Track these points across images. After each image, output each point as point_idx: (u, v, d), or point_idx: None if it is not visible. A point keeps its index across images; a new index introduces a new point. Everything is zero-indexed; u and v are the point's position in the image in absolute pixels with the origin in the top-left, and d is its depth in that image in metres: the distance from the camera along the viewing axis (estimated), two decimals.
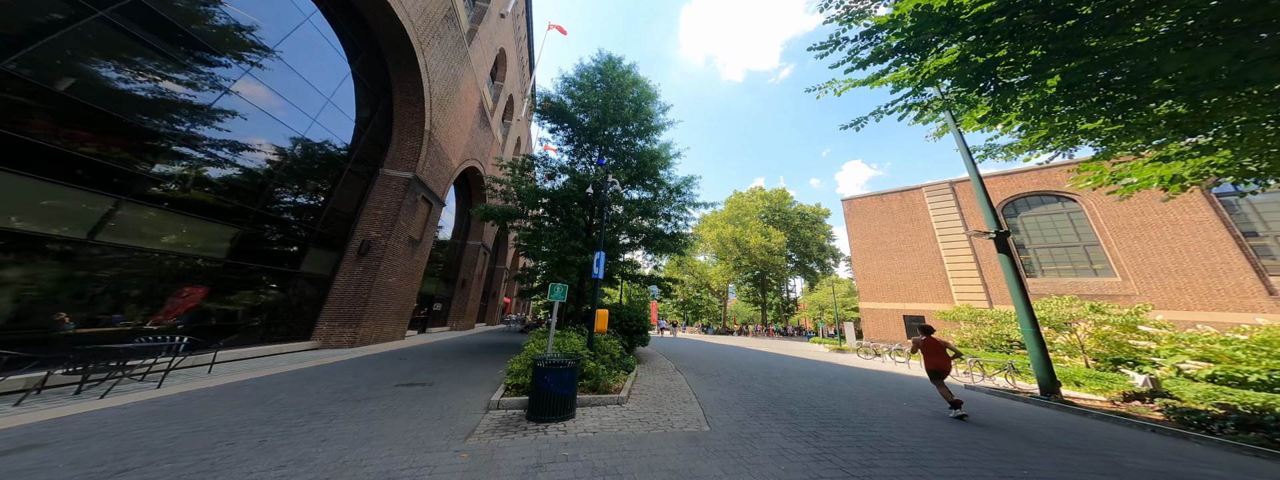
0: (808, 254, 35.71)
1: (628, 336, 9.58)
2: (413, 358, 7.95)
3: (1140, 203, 15.01)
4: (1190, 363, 7.53)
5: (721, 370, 9.10)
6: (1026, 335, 7.09)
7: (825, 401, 5.77)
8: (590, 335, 6.31)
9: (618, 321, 9.55)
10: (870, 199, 22.12)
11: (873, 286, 20.46)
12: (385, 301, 9.33)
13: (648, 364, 9.75)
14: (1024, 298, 7.27)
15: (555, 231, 10.12)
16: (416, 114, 10.59)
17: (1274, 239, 12.95)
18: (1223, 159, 5.27)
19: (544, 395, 4.03)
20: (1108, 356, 9.56)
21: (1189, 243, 13.90)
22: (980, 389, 7.56)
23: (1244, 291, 12.84)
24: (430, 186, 11.22)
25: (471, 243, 18.39)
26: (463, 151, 14.30)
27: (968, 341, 14.15)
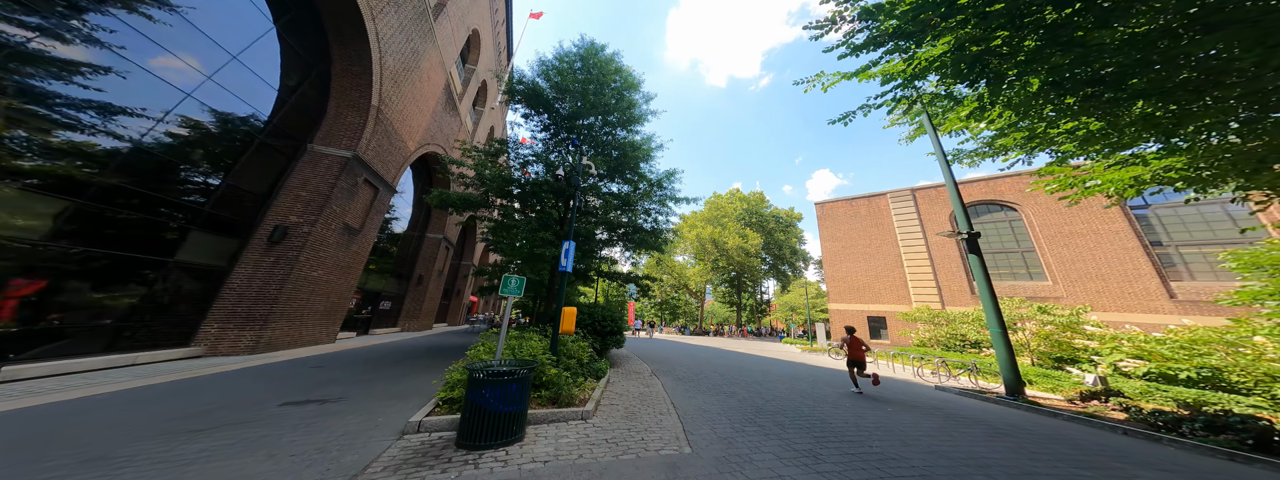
0: (780, 257, 36.63)
1: (601, 338, 8.77)
2: (335, 365, 6.62)
3: (1070, 213, 16.38)
4: (1128, 361, 7.97)
5: (700, 374, 8.52)
6: (994, 336, 7.11)
7: (812, 409, 5.30)
8: (554, 337, 5.45)
9: (589, 321, 8.70)
10: (841, 203, 22.78)
11: (841, 288, 21.00)
12: (306, 298, 7.80)
13: (622, 367, 8.98)
14: (992, 298, 7.31)
15: (525, 223, 9.12)
16: (361, 87, 9.12)
17: (1175, 248, 14.56)
18: (1181, 162, 5.40)
19: (481, 414, 3.13)
20: (1050, 355, 10.06)
21: (1108, 250, 15.32)
22: (950, 390, 7.53)
23: (1150, 295, 14.30)
24: (376, 169, 9.74)
25: (432, 236, 16.67)
26: (421, 134, 12.76)
27: (925, 341, 14.68)
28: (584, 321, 8.62)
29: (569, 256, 5.35)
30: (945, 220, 19.15)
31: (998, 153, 8.15)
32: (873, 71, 5.79)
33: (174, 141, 6.03)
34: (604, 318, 8.92)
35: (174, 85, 5.85)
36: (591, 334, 8.61)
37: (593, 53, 10.54)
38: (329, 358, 7.34)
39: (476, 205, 9.89)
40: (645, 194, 10.43)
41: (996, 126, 6.24)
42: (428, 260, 16.23)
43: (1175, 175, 5.66)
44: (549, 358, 4.68)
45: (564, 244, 5.38)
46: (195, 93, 6.11)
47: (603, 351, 9.00)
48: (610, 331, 8.91)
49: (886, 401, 6.13)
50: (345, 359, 7.34)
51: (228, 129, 6.86)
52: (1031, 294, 16.46)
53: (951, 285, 18.01)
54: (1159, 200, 15.17)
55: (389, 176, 10.66)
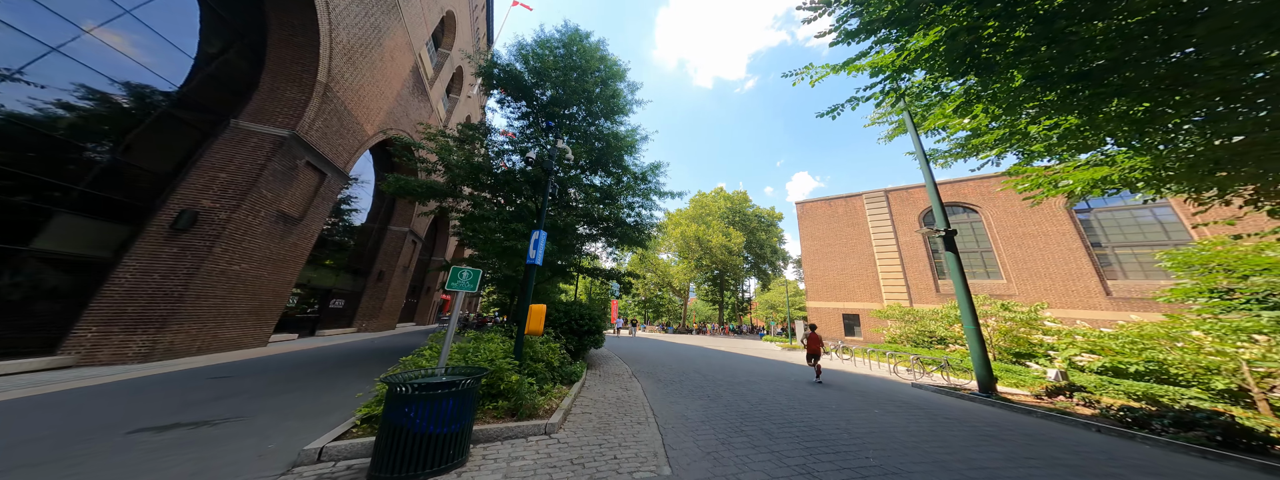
0: (762, 256, 37.20)
1: (578, 338, 8.17)
2: (247, 374, 5.60)
3: (1024, 216, 17.38)
4: (1082, 355, 8.33)
5: (683, 375, 8.11)
6: (968, 332, 7.16)
7: (800, 413, 4.99)
8: (518, 339, 4.83)
9: (565, 320, 8.07)
10: (820, 203, 23.22)
11: (818, 286, 21.40)
12: (223, 296, 6.67)
13: (601, 369, 8.43)
14: (967, 296, 7.36)
15: (498, 214, 8.35)
16: (304, 60, 7.99)
17: (1112, 250, 15.74)
18: (1145, 162, 5.52)
19: (402, 438, 2.49)
20: (1011, 350, 10.47)
21: (1055, 251, 16.37)
22: (926, 387, 7.54)
23: (1090, 292, 15.39)
24: (322, 151, 8.61)
25: (396, 229, 15.34)
26: (382, 118, 11.59)
27: (896, 338, 15.08)
28: (559, 320, 7.99)
29: (539, 247, 4.75)
30: (915, 220, 19.87)
31: (970, 153, 8.34)
32: (861, 64, 5.73)
33: (33, 104, 4.84)
34: (582, 316, 8.32)
35: (32, 36, 4.69)
36: (568, 334, 8.01)
37: (576, 39, 9.87)
38: (245, 365, 6.24)
39: (442, 194, 8.98)
40: (628, 187, 9.90)
41: (979, 123, 6.22)
42: (390, 255, 14.93)
43: (1138, 175, 5.80)
44: (510, 362, 4.07)
45: (533, 233, 4.77)
46: (67, 48, 4.94)
47: (580, 353, 8.42)
48: (588, 331, 8.34)
49: (871, 402, 5.95)
50: (265, 366, 6.29)
51: (115, 95, 5.65)
52: (989, 292, 17.36)
53: (919, 284, 18.72)
54: (1099, 204, 16.37)
55: (340, 161, 9.51)
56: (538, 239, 4.73)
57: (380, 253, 14.62)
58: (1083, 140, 5.56)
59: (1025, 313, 10.32)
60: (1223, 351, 6.78)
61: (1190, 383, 7.18)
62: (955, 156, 8.70)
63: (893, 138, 10.36)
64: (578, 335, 8.14)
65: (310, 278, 10.64)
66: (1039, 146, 6.35)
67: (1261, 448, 3.78)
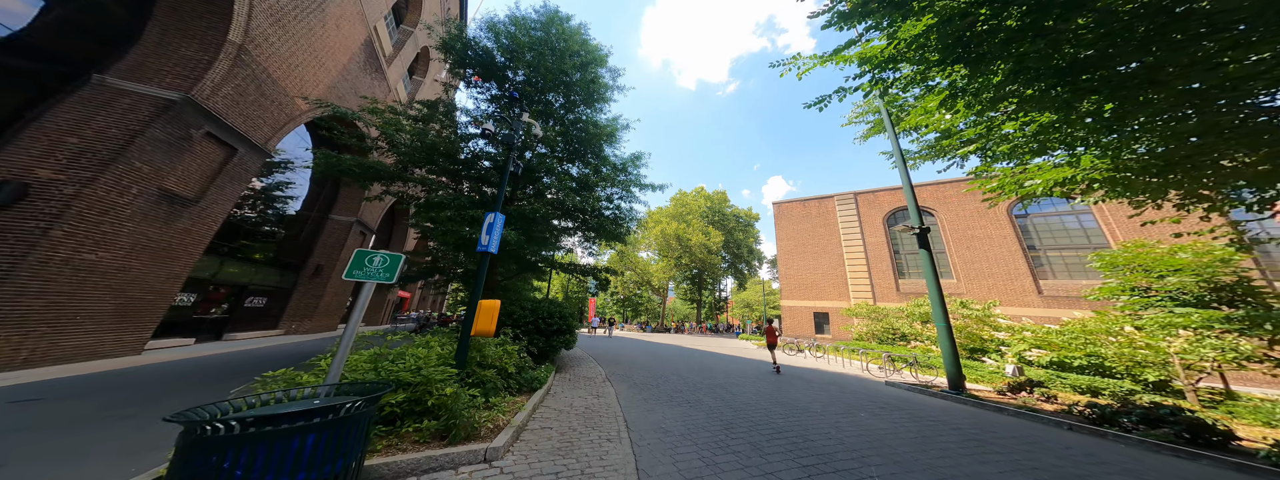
0: (739, 255, 37.68)
1: (545, 338, 7.34)
2: (79, 393, 4.22)
3: (972, 220, 18.63)
4: (1032, 351, 8.77)
5: (661, 377, 7.55)
6: (940, 330, 7.20)
7: (787, 420, 4.58)
8: (462, 341, 4.01)
9: (531, 319, 7.21)
10: (795, 204, 23.71)
11: (792, 285, 21.81)
12: (68, 292, 5.15)
13: (572, 371, 7.67)
14: (939, 293, 7.41)
15: (454, 199, 7.33)
16: (210, 14, 6.48)
17: (1044, 252, 17.24)
18: (1105, 164, 5.68)
19: None
20: (966, 346, 10.95)
21: (998, 253, 17.68)
22: (899, 385, 7.53)
23: (1025, 291, 16.76)
24: (232, 122, 7.09)
25: (340, 218, 13.49)
26: (321, 93, 10.00)
27: (862, 335, 15.54)
28: (524, 319, 7.12)
29: (494, 232, 3.95)
30: (880, 222, 20.75)
31: (938, 155, 8.54)
32: (849, 54, 5.43)
33: None
34: (551, 315, 7.49)
35: None
36: (534, 334, 7.17)
37: (556, 21, 8.96)
38: (88, 381, 4.73)
39: (388, 176, 7.77)
40: (607, 178, 9.18)
41: (959, 118, 6.22)
42: (332, 247, 13.10)
43: (1097, 176, 5.98)
44: (445, 371, 3.24)
45: (487, 216, 3.96)
46: None
47: (548, 354, 7.60)
48: (558, 330, 7.53)
49: (856, 404, 5.70)
50: (119, 382, 4.81)
51: None
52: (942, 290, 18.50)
53: (882, 283, 19.57)
54: (1036, 210, 17.90)
55: (258, 136, 7.95)
56: (493, 223, 3.93)
57: (318, 245, 12.77)
58: (1053, 138, 5.66)
59: (979, 310, 10.83)
60: (1151, 345, 7.30)
61: (1123, 375, 7.72)
62: (925, 157, 8.89)
63: (868, 138, 10.44)
64: (545, 335, 7.33)
65: (218, 272, 8.88)
66: (1005, 147, 6.49)
67: (1222, 443, 3.85)
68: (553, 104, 9.31)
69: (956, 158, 8.24)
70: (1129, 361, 7.64)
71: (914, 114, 6.64)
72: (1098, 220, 16.40)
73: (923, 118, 6.69)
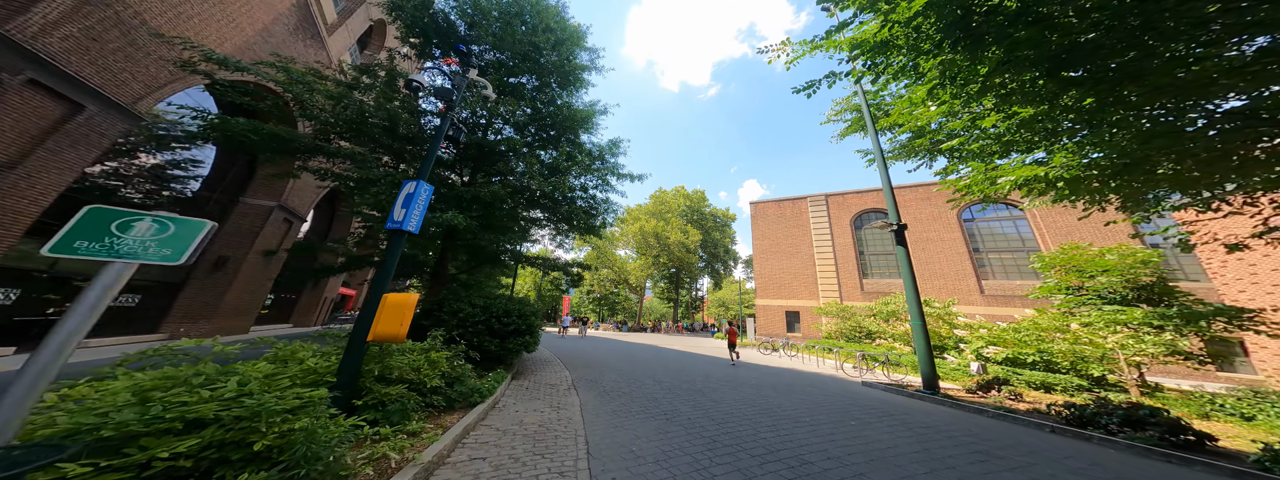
0: (715, 255, 37.81)
1: (500, 340, 6.28)
2: None
3: (927, 223, 19.68)
4: (990, 348, 9.05)
5: (633, 381, 6.78)
6: (914, 328, 7.07)
7: (777, 434, 3.98)
8: (351, 351, 2.98)
9: (483, 318, 6.12)
10: (770, 204, 23.95)
11: (767, 285, 21.97)
12: None
13: (533, 377, 6.68)
14: (914, 291, 7.29)
15: (387, 176, 6.06)
16: None
17: (986, 254, 18.57)
18: (1075, 161, 5.69)
19: None
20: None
21: (949, 254, 18.81)
22: (876, 385, 7.33)
23: (970, 290, 17.96)
24: (77, 71, 5.33)
25: (254, 202, 11.31)
26: (228, 52, 8.15)
27: (831, 333, 15.77)
28: (473, 318, 6.02)
29: (413, 206, 2.95)
30: (848, 223, 21.41)
31: (909, 155, 8.60)
32: (840, 39, 5.25)
33: None
34: (506, 313, 6.43)
35: None
36: (484, 336, 6.10)
37: None
38: None
39: (303, 150, 6.30)
40: (580, 164, 8.22)
41: (943, 111, 6.10)
42: (242, 236, 10.94)
43: (1067, 175, 6.01)
44: (294, 397, 2.17)
45: (406, 185, 2.95)
46: None
47: (503, 359, 6.55)
48: (516, 331, 6.49)
49: (841, 410, 5.28)
50: None
51: None
52: (899, 290, 19.39)
53: (848, 283, 20.18)
54: (981, 215, 19.27)
55: (122, 93, 6.13)
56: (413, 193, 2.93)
57: (222, 233, 10.59)
58: (1034, 132, 5.62)
59: (939, 308, 11.17)
60: (1093, 341, 7.68)
61: (1066, 370, 8.11)
62: (897, 157, 8.96)
63: (845, 135, 10.33)
64: (500, 337, 6.27)
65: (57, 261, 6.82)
66: (977, 146, 6.49)
67: (1198, 445, 3.77)
68: (525, 86, 8.24)
69: (926, 158, 8.35)
70: (1073, 357, 8.02)
71: (899, 105, 6.43)
72: (1031, 226, 17.88)
73: (905, 113, 6.54)
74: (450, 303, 6.12)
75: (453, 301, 6.14)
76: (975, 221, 19.18)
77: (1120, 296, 9.41)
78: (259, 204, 11.23)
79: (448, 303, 6.13)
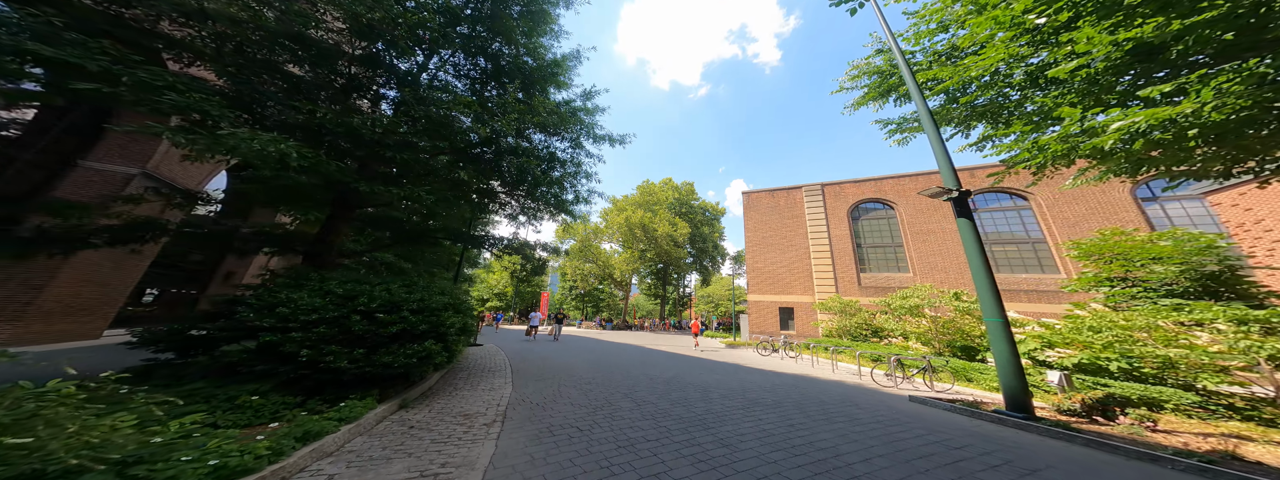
0: (704, 250, 35.80)
1: (368, 350, 3.80)
2: None
3: (928, 213, 18.17)
4: (1048, 351, 7.17)
5: (602, 405, 4.45)
6: (992, 327, 5.04)
7: None
8: None
9: (333, 315, 3.65)
10: (764, 194, 22.16)
11: (759, 279, 20.11)
12: None
13: (442, 402, 4.26)
14: (989, 278, 5.27)
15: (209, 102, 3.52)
16: None
17: (990, 247, 17.16)
18: (1239, 97, 3.76)
19: None
20: (953, 344, 9.39)
21: (950, 246, 17.32)
22: (932, 402, 5.25)
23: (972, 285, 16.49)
24: None
25: (103, 167, 8.32)
26: None
27: (833, 331, 13.86)
28: (310, 321, 3.54)
29: None
30: (845, 214, 19.71)
31: (943, 122, 6.83)
32: None
33: None
34: (387, 307, 3.96)
35: None
36: (338, 345, 3.62)
37: None
38: None
39: None
40: (552, 122, 5.92)
41: (1006, 55, 4.35)
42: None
43: (1213, 117, 4.08)
44: None
45: None
46: None
47: (378, 381, 4.07)
48: (407, 335, 4.04)
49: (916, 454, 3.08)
50: None
51: None
52: (899, 284, 17.79)
53: (845, 277, 18.45)
54: (984, 204, 17.88)
55: None
56: None
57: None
58: (1152, 63, 3.81)
59: (970, 301, 9.31)
60: (1191, 345, 5.85)
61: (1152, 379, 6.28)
62: (920, 129, 7.27)
63: (861, 105, 8.24)
64: (369, 346, 3.78)
65: None
66: (1051, 96, 4.83)
67: None
68: (479, 37, 5.82)
69: (961, 128, 6.64)
70: (1159, 363, 6.19)
71: (980, 22, 4.40)
72: (1037, 217, 16.57)
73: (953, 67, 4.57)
74: (270, 293, 3.61)
75: (279, 291, 3.63)
76: (977, 212, 17.78)
77: (1182, 289, 7.70)
78: (110, 170, 8.24)
79: (266, 293, 3.62)
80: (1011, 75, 5.70)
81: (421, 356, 3.94)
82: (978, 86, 6.61)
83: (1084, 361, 6.45)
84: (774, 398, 5.48)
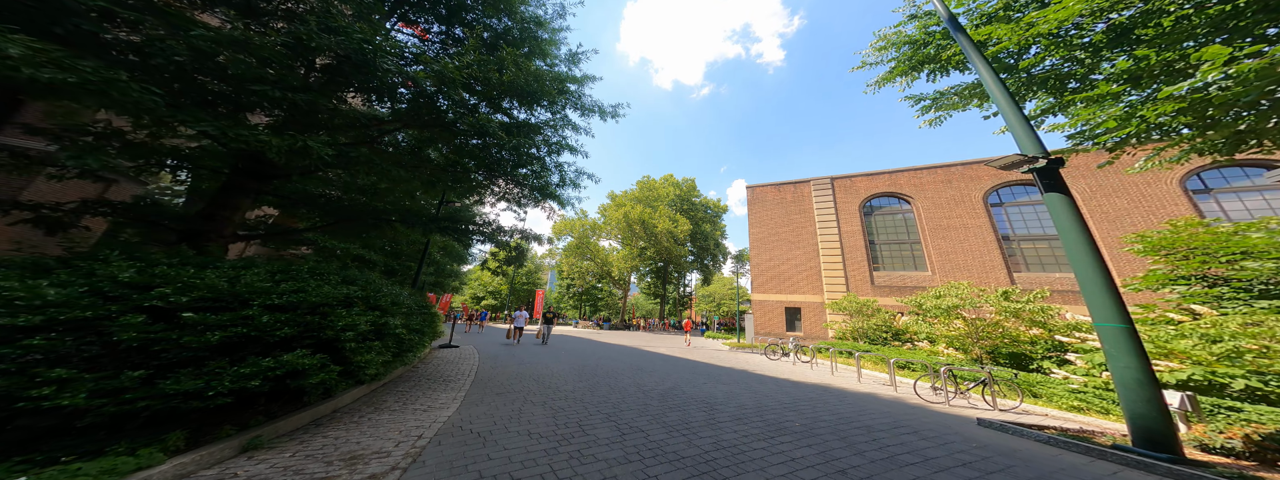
0: (705, 248, 34.27)
1: (154, 376, 2.29)
2: None
3: (947, 208, 16.66)
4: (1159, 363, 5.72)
5: (579, 430, 3.13)
6: (1111, 335, 3.63)
7: None
8: None
9: (83, 314, 2.28)
10: (770, 188, 20.72)
11: (765, 277, 18.69)
12: None
13: (363, 420, 2.90)
14: (1100, 269, 3.86)
15: None
16: None
17: (1017, 243, 15.63)
18: None
19: None
20: (1001, 350, 7.95)
21: (973, 243, 15.80)
22: (1013, 429, 3.84)
23: (1000, 283, 14.95)
24: None
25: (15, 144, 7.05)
26: None
27: (845, 333, 12.42)
28: (53, 316, 2.09)
29: None
30: (856, 209, 18.24)
31: (985, 98, 5.70)
32: None
33: None
34: (209, 302, 2.57)
35: None
36: (80, 367, 2.18)
37: None
38: None
39: None
40: (514, 78, 4.60)
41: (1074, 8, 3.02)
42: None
43: None
44: None
45: None
46: None
47: (161, 420, 2.67)
48: (260, 343, 2.62)
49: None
50: None
51: None
52: (915, 283, 16.31)
53: (857, 275, 17.00)
54: (1010, 198, 16.34)
55: None
56: None
57: None
58: None
59: (1023, 302, 7.86)
60: None
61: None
62: (955, 106, 6.15)
63: (887, 82, 6.76)
64: (157, 368, 2.25)
65: None
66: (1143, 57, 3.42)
67: None
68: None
69: None
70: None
71: None
72: None
73: None
74: None
75: None
76: (1003, 206, 16.25)
77: None
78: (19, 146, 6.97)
79: None
80: (1086, 34, 4.42)
81: (276, 376, 2.54)
82: (1043, 47, 5.24)
83: (1194, 378, 5.01)
84: (802, 420, 4.10)
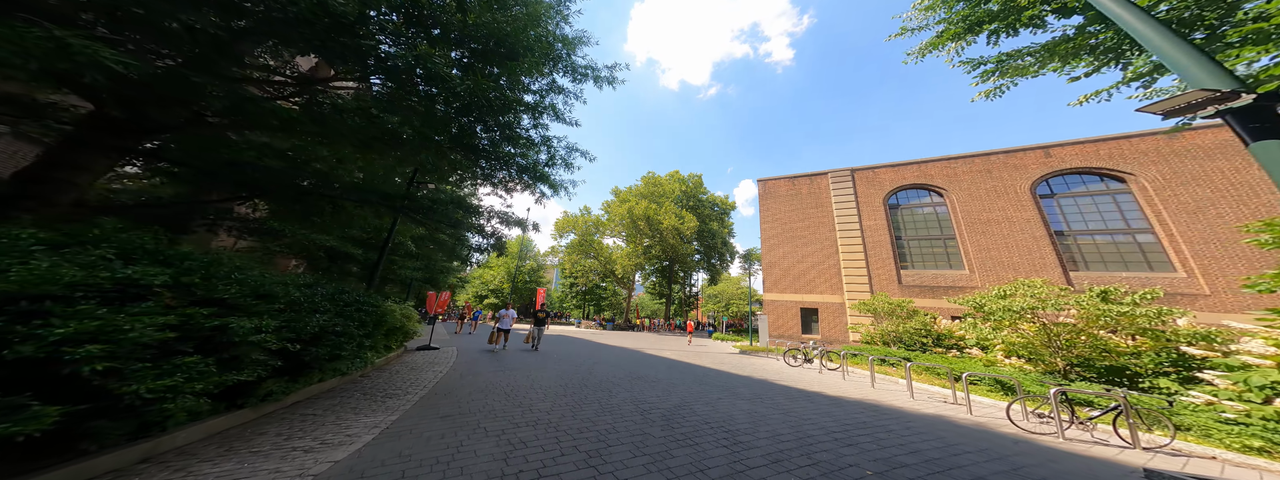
0: (712, 247, 32.57)
1: None
2: None
3: (987, 200, 14.73)
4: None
5: None
6: None
7: None
8: None
9: None
10: (783, 182, 19.11)
11: (777, 276, 17.05)
12: None
13: (231, 456, 1.52)
14: None
15: None
16: None
17: (1073, 238, 13.56)
18: None
19: None
20: (1095, 362, 6.19)
21: (1019, 238, 13.82)
22: None
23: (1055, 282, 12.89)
24: None
25: None
26: None
27: (874, 337, 10.69)
28: None
29: None
30: (880, 202, 16.42)
31: (1069, 58, 4.30)
32: None
33: None
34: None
35: None
36: None
37: None
38: None
39: None
40: (528, 60, 3.36)
41: None
42: None
43: None
44: None
45: None
46: None
47: None
48: None
49: None
50: None
51: None
52: (950, 282, 14.40)
53: (882, 274, 15.17)
54: (1062, 189, 14.28)
55: None
56: None
57: None
58: None
59: (1131, 302, 6.08)
60: None
61: None
62: (1030, 68, 4.61)
63: (932, 49, 5.18)
64: None
65: None
66: None
67: None
68: None
69: (1110, 57, 4.06)
70: None
71: None
72: (1139, 202, 12.87)
73: None
74: None
75: None
76: (1055, 197, 14.19)
77: None
78: None
79: None
80: None
81: None
82: None
83: None
84: (873, 465, 2.60)
